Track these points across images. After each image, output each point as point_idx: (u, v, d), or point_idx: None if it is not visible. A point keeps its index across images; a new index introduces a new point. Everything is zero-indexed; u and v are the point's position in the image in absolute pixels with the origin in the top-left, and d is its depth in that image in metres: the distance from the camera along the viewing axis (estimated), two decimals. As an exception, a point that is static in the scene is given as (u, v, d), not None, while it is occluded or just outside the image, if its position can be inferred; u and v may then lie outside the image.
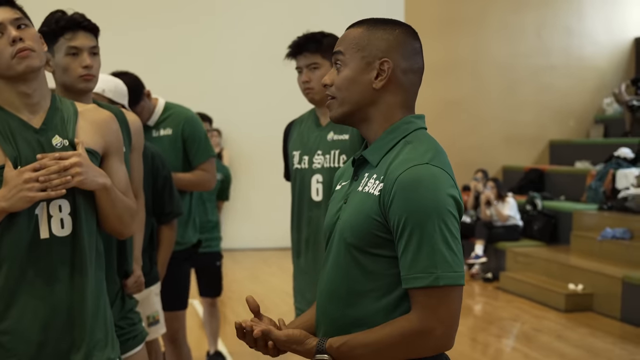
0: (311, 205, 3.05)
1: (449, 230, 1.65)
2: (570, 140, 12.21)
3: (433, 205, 1.63)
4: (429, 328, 1.64)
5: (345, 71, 1.78)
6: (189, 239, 4.09)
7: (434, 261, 1.62)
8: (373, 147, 1.80)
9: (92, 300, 2.13)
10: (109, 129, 2.23)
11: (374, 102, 1.78)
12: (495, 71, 12.30)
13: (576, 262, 8.03)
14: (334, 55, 1.81)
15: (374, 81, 1.76)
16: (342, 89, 1.78)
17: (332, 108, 1.82)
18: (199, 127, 4.05)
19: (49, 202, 2.05)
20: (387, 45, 1.77)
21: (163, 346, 4.06)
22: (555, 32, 12.55)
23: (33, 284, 2.04)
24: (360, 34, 1.78)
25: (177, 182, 3.89)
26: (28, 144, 2.06)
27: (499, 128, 12.29)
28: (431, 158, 1.69)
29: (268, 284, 8.36)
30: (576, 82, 12.57)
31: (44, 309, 2.05)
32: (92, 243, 2.14)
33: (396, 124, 1.79)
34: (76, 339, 2.09)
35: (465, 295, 8.24)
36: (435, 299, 1.64)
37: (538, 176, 11.19)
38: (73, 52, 2.59)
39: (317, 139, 3.07)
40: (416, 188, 1.64)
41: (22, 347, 2.03)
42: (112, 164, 2.23)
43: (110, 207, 2.16)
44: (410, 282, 1.64)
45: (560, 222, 9.39)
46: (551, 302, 7.46)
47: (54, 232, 2.05)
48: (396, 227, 1.65)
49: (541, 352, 5.91)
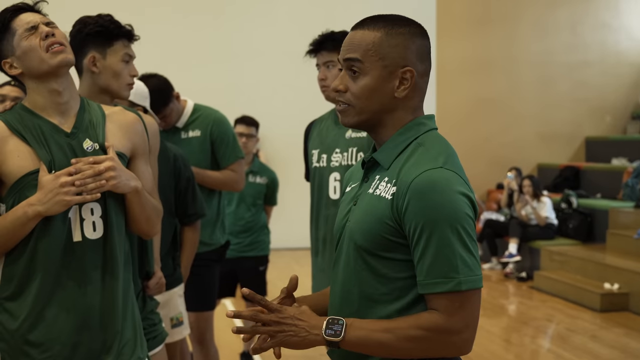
0: (329, 203, 3.05)
1: (467, 233, 1.63)
2: (607, 137, 12.03)
3: (450, 210, 1.61)
4: (456, 329, 1.62)
5: (365, 80, 1.72)
6: (217, 240, 4.10)
7: (454, 266, 1.60)
8: (384, 149, 1.77)
9: (122, 301, 2.17)
10: (135, 132, 2.26)
11: (393, 109, 1.75)
12: (529, 68, 12.17)
13: (612, 260, 7.90)
14: (348, 61, 1.74)
15: (397, 90, 1.72)
16: (361, 98, 1.73)
17: (347, 115, 1.77)
18: (227, 128, 4.07)
19: (81, 206, 2.08)
20: (407, 51, 1.72)
21: (191, 346, 4.07)
22: (591, 27, 12.37)
23: (67, 286, 2.07)
24: (380, 40, 1.72)
25: (205, 180, 3.90)
26: (60, 148, 2.09)
27: (534, 125, 12.15)
28: (444, 161, 1.67)
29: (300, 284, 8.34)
30: (612, 78, 12.38)
31: (77, 311, 2.08)
32: (121, 245, 2.18)
33: (407, 126, 1.76)
34: (107, 339, 2.12)
35: (498, 294, 8.22)
36: (458, 302, 1.62)
37: (574, 174, 11.05)
38: (128, 59, 2.65)
39: (336, 137, 3.07)
40: (431, 193, 1.61)
41: (56, 348, 2.07)
42: (139, 166, 2.27)
43: (140, 209, 2.20)
44: (430, 287, 1.62)
45: (596, 220, 9.26)
46: (586, 301, 7.36)
47: (86, 235, 2.09)
48: (412, 233, 1.63)
49: (575, 352, 5.82)
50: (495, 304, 7.76)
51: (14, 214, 2.04)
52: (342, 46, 1.78)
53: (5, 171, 2.07)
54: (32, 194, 2.04)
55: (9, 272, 2.09)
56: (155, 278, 2.71)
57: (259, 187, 5.30)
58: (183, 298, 3.43)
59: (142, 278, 2.66)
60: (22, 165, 2.06)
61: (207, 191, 3.99)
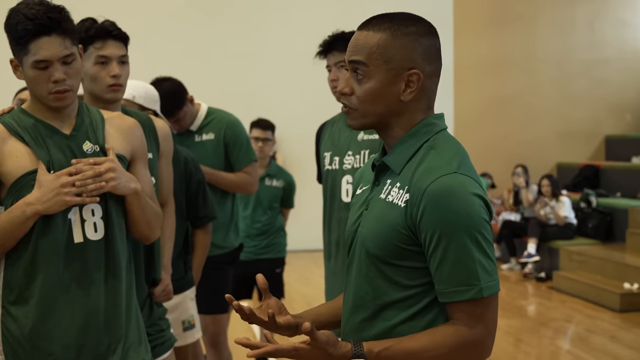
0: (341, 206, 3.02)
1: (485, 239, 1.60)
2: (627, 135, 11.91)
3: (467, 216, 1.58)
4: (481, 338, 1.60)
5: (370, 83, 1.68)
6: (231, 243, 4.09)
7: (474, 272, 1.58)
8: (394, 152, 1.72)
9: (125, 303, 2.16)
10: (134, 135, 2.27)
11: (399, 112, 1.70)
12: (547, 66, 12.08)
13: (632, 260, 7.82)
14: (353, 63, 1.70)
15: (403, 93, 1.68)
16: (366, 102, 1.69)
17: (352, 118, 1.73)
18: (241, 131, 4.07)
19: (82, 207, 2.08)
20: (414, 53, 1.67)
21: (204, 349, 4.07)
22: (609, 24, 12.26)
23: (69, 288, 2.07)
24: (385, 42, 1.66)
25: (219, 181, 3.91)
26: (59, 149, 2.09)
27: (553, 124, 12.06)
28: (458, 166, 1.63)
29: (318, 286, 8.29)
30: (632, 75, 12.26)
31: (81, 313, 2.08)
32: (123, 246, 2.18)
33: (417, 127, 1.71)
34: (112, 341, 2.12)
35: (517, 295, 8.16)
36: (481, 309, 1.59)
37: (593, 173, 10.95)
38: (102, 61, 2.58)
39: (348, 139, 3.04)
40: (448, 200, 1.58)
41: (60, 351, 2.07)
42: (138, 170, 2.27)
43: (140, 212, 2.20)
44: (451, 296, 1.59)
45: (616, 219, 9.17)
46: (606, 302, 7.28)
47: (88, 236, 2.09)
48: (429, 241, 1.60)
49: (594, 353, 5.76)
50: (514, 305, 7.71)
51: (12, 213, 2.04)
52: (348, 46, 1.74)
53: (3, 172, 2.08)
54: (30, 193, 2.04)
55: (11, 276, 2.09)
56: (161, 285, 2.68)
57: (275, 191, 5.30)
58: (195, 301, 3.42)
59: (149, 285, 2.64)
60: (20, 166, 2.07)
61: (221, 194, 3.99)
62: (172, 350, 2.63)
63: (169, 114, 3.78)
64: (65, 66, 2.08)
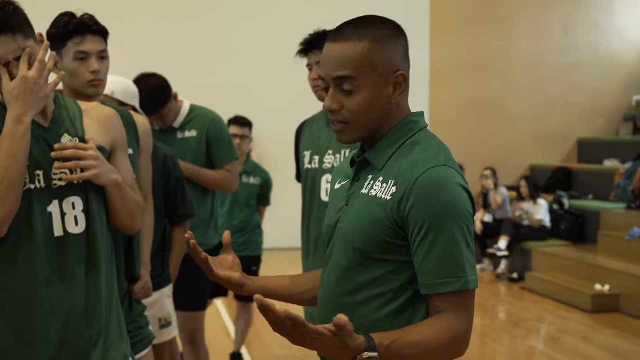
0: (320, 205, 3.02)
1: (469, 232, 1.62)
2: (599, 139, 12.05)
3: (456, 209, 1.60)
4: (468, 329, 1.63)
5: (362, 94, 1.66)
6: (211, 241, 4.08)
7: (461, 264, 1.59)
8: (377, 149, 1.73)
9: (106, 297, 2.14)
10: (113, 126, 2.24)
11: (389, 114, 1.71)
12: (522, 69, 12.19)
13: (603, 262, 7.91)
14: (340, 79, 1.66)
15: (392, 96, 1.69)
16: (361, 114, 1.67)
17: (347, 134, 1.70)
18: (223, 129, 4.07)
19: (63, 200, 2.05)
20: (396, 55, 1.68)
21: (181, 347, 4.05)
22: (583, 29, 12.40)
23: (50, 282, 2.04)
24: (369, 51, 1.65)
25: (200, 178, 3.90)
26: (37, 142, 2.06)
27: (527, 126, 12.17)
28: (446, 160, 1.65)
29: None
30: (605, 79, 12.41)
31: (63, 308, 2.05)
32: (104, 240, 2.15)
33: (399, 125, 1.72)
34: (93, 336, 2.10)
35: (490, 295, 8.22)
36: (466, 301, 1.62)
37: (566, 175, 11.07)
38: (81, 56, 2.55)
39: (328, 138, 3.04)
40: (438, 191, 1.59)
41: (43, 347, 2.04)
42: (119, 160, 2.24)
43: (121, 203, 2.17)
44: (437, 287, 1.60)
45: (588, 221, 9.28)
46: (577, 302, 7.37)
47: (68, 229, 2.06)
48: (417, 231, 1.60)
49: (566, 354, 5.82)
50: (487, 305, 7.77)
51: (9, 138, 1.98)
52: (323, 61, 1.70)
53: None
54: None
55: None
56: (141, 282, 2.65)
57: (252, 188, 5.30)
58: (172, 299, 3.41)
59: (129, 281, 2.62)
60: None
61: (201, 191, 3.98)
62: (151, 348, 2.62)
63: (154, 111, 3.76)
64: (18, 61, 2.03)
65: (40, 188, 2.04)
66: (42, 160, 2.05)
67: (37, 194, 2.03)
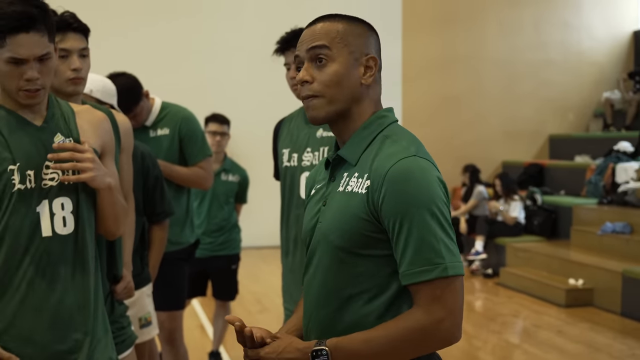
0: (299, 203, 3.02)
1: (445, 219, 1.62)
2: (570, 135, 12.18)
3: (428, 197, 1.60)
4: (437, 319, 1.58)
5: (334, 66, 1.71)
6: (186, 239, 4.07)
7: (438, 251, 1.58)
8: (349, 145, 1.75)
9: (93, 300, 2.13)
10: (104, 129, 2.24)
11: (360, 99, 1.74)
12: (493, 66, 12.27)
13: (576, 257, 8.01)
14: (315, 49, 1.72)
15: (363, 77, 1.73)
16: (331, 86, 1.71)
17: (317, 107, 1.73)
18: (196, 126, 4.04)
19: (52, 200, 2.03)
20: (368, 41, 1.75)
21: (160, 346, 4.03)
22: (553, 26, 12.52)
23: (36, 283, 2.02)
24: (344, 28, 1.72)
25: (172, 175, 3.87)
26: (30, 141, 2.04)
27: (498, 123, 12.26)
28: (416, 150, 1.66)
29: (267, 283, 8.33)
30: (575, 76, 12.54)
31: (48, 310, 2.03)
32: (92, 241, 2.15)
33: (370, 120, 1.75)
34: (79, 338, 2.08)
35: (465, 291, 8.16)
36: (440, 290, 1.58)
37: (538, 171, 11.16)
38: (62, 54, 2.52)
39: (306, 136, 3.03)
40: (409, 181, 1.60)
41: (28, 349, 2.02)
42: (107, 164, 2.23)
43: (110, 207, 2.17)
44: (415, 276, 1.59)
45: (560, 217, 9.37)
46: (551, 297, 7.44)
47: (56, 230, 2.04)
48: (392, 224, 1.61)
49: (541, 347, 5.88)
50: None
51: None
52: (299, 43, 1.77)
53: None
54: None
55: None
56: (123, 282, 2.64)
57: (231, 185, 5.29)
58: (152, 298, 3.39)
59: (110, 281, 2.60)
60: None
61: (175, 189, 3.95)
62: (133, 348, 2.60)
63: (126, 110, 3.73)
64: (40, 64, 2.02)
65: (31, 188, 2.02)
66: (33, 160, 2.03)
67: (27, 194, 2.02)
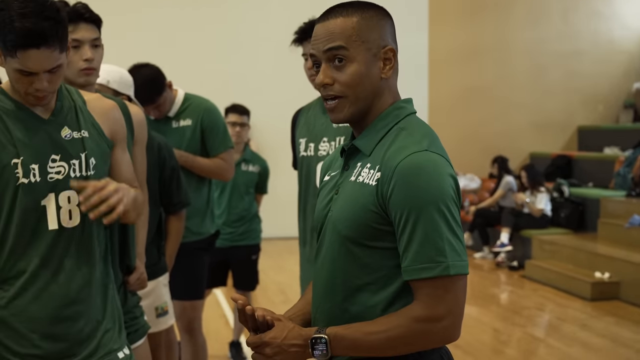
0: (316, 193, 3.01)
1: (453, 218, 1.59)
2: (599, 126, 12.03)
3: (437, 193, 1.58)
4: (435, 317, 1.57)
5: (354, 66, 1.68)
6: (207, 230, 4.08)
7: (442, 249, 1.56)
8: (364, 135, 1.73)
9: (100, 292, 2.12)
10: (114, 118, 2.22)
11: (381, 93, 1.72)
12: (521, 56, 12.14)
13: (603, 249, 7.91)
14: (332, 50, 1.68)
15: (383, 71, 1.70)
16: (353, 86, 1.68)
17: (341, 109, 1.71)
18: (218, 117, 4.05)
19: (58, 194, 2.02)
20: (384, 31, 1.71)
21: (178, 336, 4.05)
22: (583, 16, 12.35)
23: (42, 276, 2.02)
24: (358, 24, 1.68)
25: (194, 166, 3.89)
26: (35, 134, 2.03)
27: (526, 114, 12.14)
28: (429, 144, 1.64)
29: (292, 274, 8.34)
30: (605, 66, 12.36)
31: (54, 302, 2.03)
32: (99, 234, 2.13)
33: (387, 110, 1.73)
34: (86, 329, 2.08)
35: (490, 283, 8.22)
36: (442, 288, 1.57)
37: (566, 163, 11.05)
38: (74, 44, 2.52)
39: (323, 126, 3.03)
40: (418, 176, 1.58)
41: (35, 341, 2.02)
42: (118, 153, 2.22)
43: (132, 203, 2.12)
44: (416, 273, 1.58)
45: (588, 209, 9.27)
46: (577, 290, 7.36)
47: (62, 223, 2.03)
48: (399, 217, 1.59)
49: (565, 341, 5.82)
50: (487, 293, 7.77)
51: None
52: (313, 41, 1.72)
53: None
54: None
55: None
56: (136, 273, 2.63)
57: (251, 176, 5.30)
58: (168, 287, 3.40)
59: (123, 272, 2.60)
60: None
61: (197, 180, 3.97)
62: (146, 338, 2.61)
63: (150, 100, 3.75)
64: (50, 74, 2.00)
65: (36, 182, 2.01)
66: (38, 154, 2.01)
67: (32, 187, 2.00)
